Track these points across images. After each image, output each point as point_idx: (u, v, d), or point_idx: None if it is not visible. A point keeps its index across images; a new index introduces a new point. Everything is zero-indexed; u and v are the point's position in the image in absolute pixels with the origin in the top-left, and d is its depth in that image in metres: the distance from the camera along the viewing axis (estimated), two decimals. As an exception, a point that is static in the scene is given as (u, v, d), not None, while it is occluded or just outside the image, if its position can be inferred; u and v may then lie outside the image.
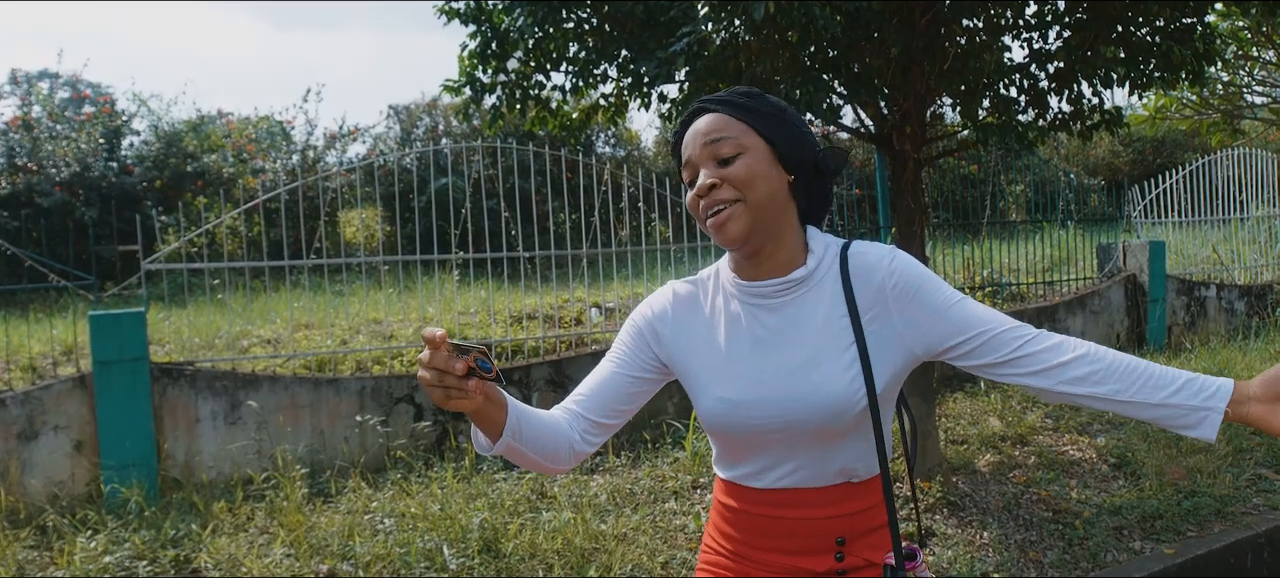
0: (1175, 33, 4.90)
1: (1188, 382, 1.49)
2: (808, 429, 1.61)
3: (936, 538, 4.57)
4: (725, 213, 1.59)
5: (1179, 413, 1.50)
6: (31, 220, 10.76)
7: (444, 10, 5.20)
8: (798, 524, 1.67)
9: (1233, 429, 5.88)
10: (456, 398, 1.39)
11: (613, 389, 1.74)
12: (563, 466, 1.71)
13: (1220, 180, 10.86)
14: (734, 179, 1.58)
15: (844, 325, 1.61)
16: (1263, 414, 1.46)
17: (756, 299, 1.67)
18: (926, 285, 1.61)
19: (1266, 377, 1.48)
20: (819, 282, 1.65)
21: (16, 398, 4.96)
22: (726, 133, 1.60)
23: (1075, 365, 1.53)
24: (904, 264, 1.62)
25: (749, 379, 1.63)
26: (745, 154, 1.59)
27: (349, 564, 4.16)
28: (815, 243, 1.69)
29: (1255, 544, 4.62)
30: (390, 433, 5.66)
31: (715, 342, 1.69)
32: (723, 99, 1.64)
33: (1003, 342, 1.57)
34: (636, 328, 1.76)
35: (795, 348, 1.62)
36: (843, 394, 1.58)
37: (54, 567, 4.22)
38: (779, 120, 1.63)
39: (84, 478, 5.07)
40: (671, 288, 1.78)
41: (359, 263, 6.77)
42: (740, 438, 1.67)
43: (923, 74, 4.68)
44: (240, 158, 12.74)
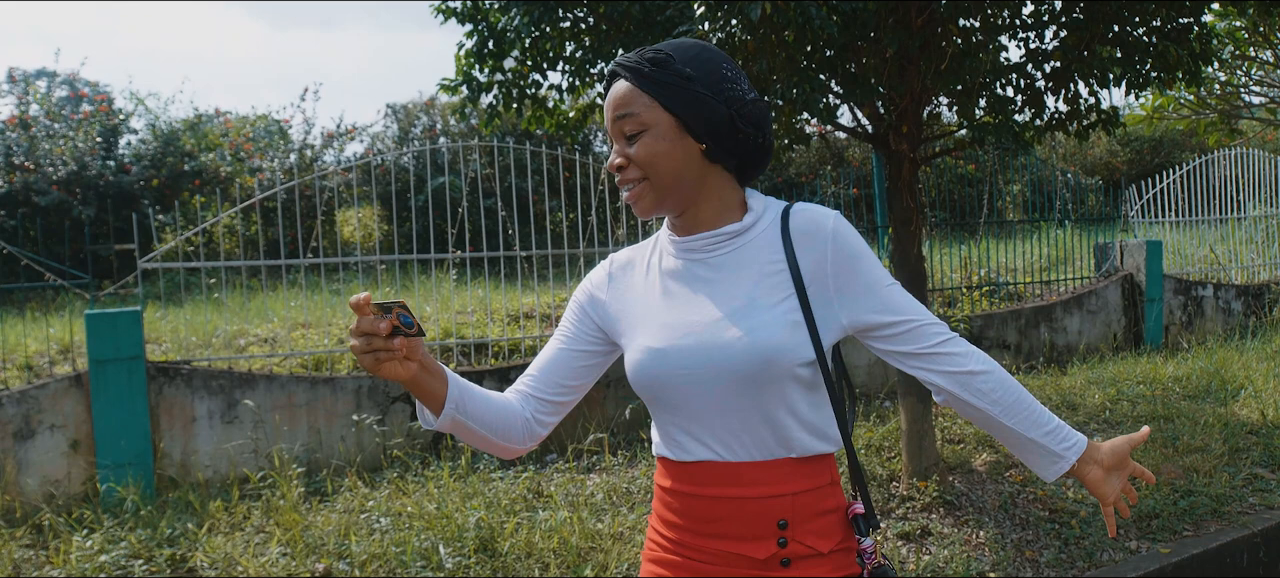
0: (1172, 33, 4.90)
1: (1056, 428, 1.62)
2: (734, 380, 1.54)
3: (933, 537, 4.58)
4: (634, 191, 1.59)
5: (1041, 452, 1.63)
6: (28, 219, 10.75)
7: (440, 9, 5.20)
8: (735, 505, 1.58)
9: (1228, 429, 5.89)
10: (386, 360, 1.41)
11: (560, 366, 1.73)
12: (519, 445, 1.70)
13: (1217, 180, 10.87)
14: (637, 159, 1.57)
15: (782, 279, 1.57)
16: (1097, 479, 1.63)
17: (690, 253, 1.64)
18: (865, 259, 1.59)
19: (1113, 446, 1.64)
20: (756, 237, 1.62)
21: (12, 397, 4.96)
22: (631, 108, 1.57)
23: (983, 379, 1.59)
24: (846, 232, 1.60)
25: (676, 328, 1.60)
26: (648, 132, 1.56)
27: (345, 563, 4.16)
28: (754, 200, 1.65)
29: (1251, 544, 4.63)
30: (386, 432, 5.66)
31: (649, 299, 1.67)
32: (631, 65, 1.59)
33: (925, 334, 1.59)
34: (578, 303, 1.76)
35: (727, 297, 1.58)
36: (776, 342, 1.53)
37: (50, 566, 4.22)
38: (684, 90, 1.56)
39: (80, 477, 5.06)
40: (611, 258, 1.78)
41: (356, 262, 6.76)
42: (667, 392, 1.61)
43: (919, 74, 4.68)
44: (237, 157, 12.73)
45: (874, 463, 5.27)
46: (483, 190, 7.23)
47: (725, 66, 1.60)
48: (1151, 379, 7.22)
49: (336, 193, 8.68)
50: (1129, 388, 6.97)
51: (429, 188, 6.92)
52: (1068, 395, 6.73)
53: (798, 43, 4.27)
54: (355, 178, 7.01)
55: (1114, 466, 1.64)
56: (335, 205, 10.78)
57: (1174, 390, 6.95)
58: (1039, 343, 8.24)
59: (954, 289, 8.73)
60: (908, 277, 5.07)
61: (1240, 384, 7.01)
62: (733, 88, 1.59)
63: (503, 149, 7.11)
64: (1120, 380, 7.19)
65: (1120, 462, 1.65)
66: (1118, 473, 1.65)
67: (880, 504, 4.88)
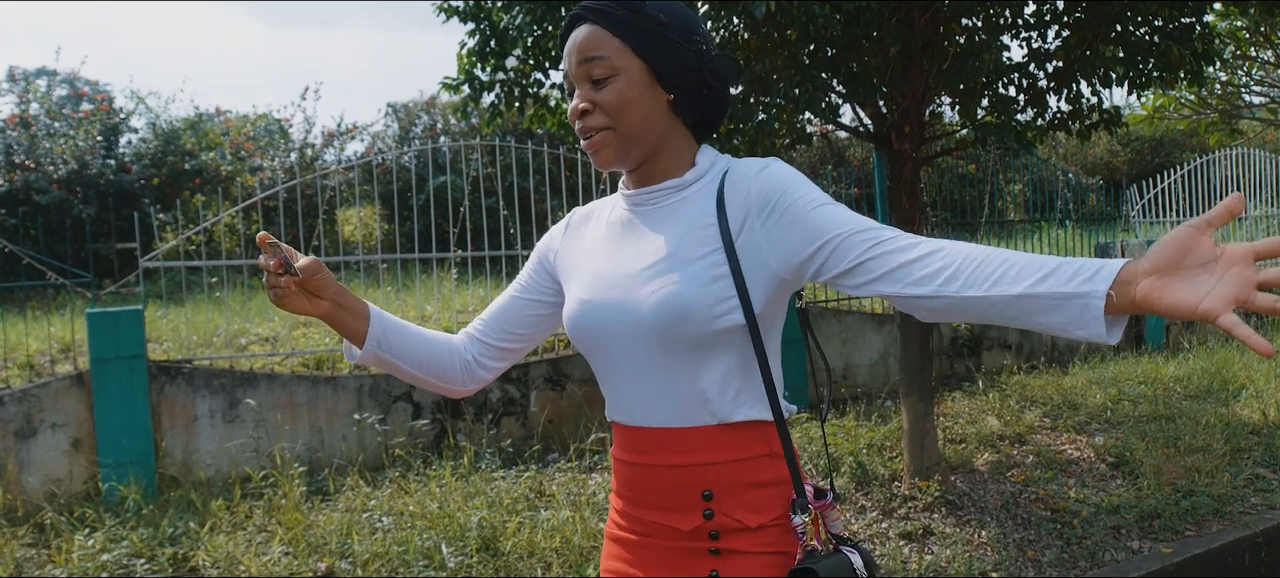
0: (1174, 32, 4.90)
1: (1059, 266, 1.20)
2: (649, 338, 1.47)
3: (935, 537, 4.58)
4: (597, 139, 1.51)
5: (1051, 305, 1.20)
6: (29, 218, 10.74)
7: (443, 8, 5.19)
8: (663, 473, 1.51)
9: (1230, 429, 5.88)
10: (283, 296, 1.48)
11: (509, 312, 1.72)
12: (457, 385, 1.71)
13: (1218, 180, 10.87)
14: (605, 105, 1.49)
15: (709, 233, 1.47)
16: (1149, 290, 1.13)
17: (634, 206, 1.59)
18: (791, 190, 1.44)
19: (1155, 247, 1.15)
20: (696, 192, 1.54)
21: (14, 395, 4.96)
22: (601, 52, 1.48)
23: (921, 264, 1.31)
24: (773, 172, 1.47)
25: (603, 280, 1.55)
26: (618, 77, 1.48)
27: (347, 562, 4.16)
28: (704, 157, 1.57)
29: (1253, 543, 4.63)
30: (388, 431, 5.66)
31: (593, 250, 1.62)
32: (602, 8, 1.50)
33: (852, 245, 1.37)
34: (537, 253, 1.73)
35: (651, 251, 1.51)
36: (688, 299, 1.43)
37: (52, 565, 4.22)
38: (658, 36, 1.49)
39: (82, 476, 5.06)
40: (572, 212, 1.74)
41: (357, 261, 6.76)
42: (595, 348, 1.57)
43: (922, 73, 4.68)
44: (238, 156, 12.73)
45: (876, 463, 5.27)
46: (484, 189, 7.23)
47: (696, 21, 1.55)
48: (1153, 379, 7.22)
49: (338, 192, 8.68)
50: (1130, 388, 6.97)
51: (430, 186, 6.93)
52: (1069, 395, 6.72)
53: (800, 41, 4.27)
54: (356, 177, 7.01)
55: (1166, 263, 1.13)
56: (336, 205, 10.78)
57: (1175, 390, 6.95)
58: (1040, 343, 8.24)
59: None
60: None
61: (1241, 384, 7.01)
62: (703, 41, 1.54)
63: (504, 148, 7.10)
64: (1121, 380, 7.19)
65: (1191, 251, 1.12)
66: (1201, 270, 1.11)
67: (882, 504, 4.88)
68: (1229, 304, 1.08)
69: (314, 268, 1.50)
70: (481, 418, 5.91)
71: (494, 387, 5.92)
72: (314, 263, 1.51)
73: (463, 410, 5.87)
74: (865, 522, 4.72)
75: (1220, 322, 1.07)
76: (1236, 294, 1.08)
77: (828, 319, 7.15)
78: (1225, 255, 1.10)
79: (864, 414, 6.26)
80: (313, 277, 1.50)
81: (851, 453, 5.31)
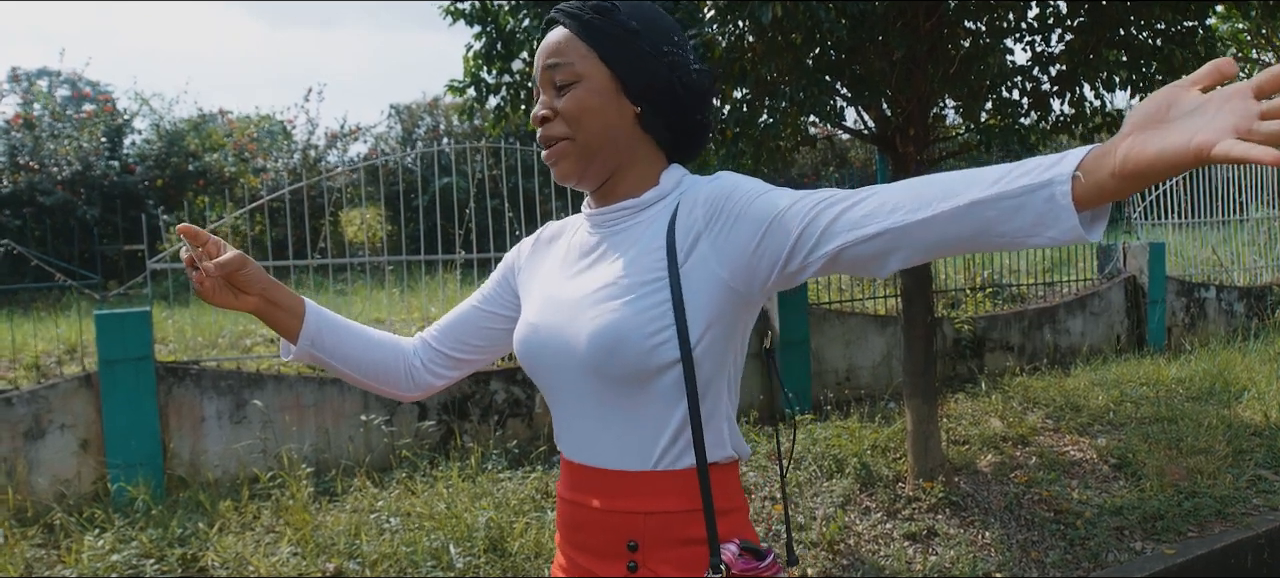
0: (1176, 36, 4.92)
1: (1014, 167, 1.07)
2: (584, 370, 1.37)
3: (939, 538, 4.60)
4: (556, 149, 1.42)
5: (1011, 206, 1.04)
6: (34, 219, 10.78)
7: (449, 11, 5.22)
8: (594, 515, 1.40)
9: (1232, 430, 5.90)
10: (206, 290, 1.45)
11: (467, 322, 1.64)
12: (401, 390, 1.64)
13: (1220, 182, 10.89)
14: (565, 113, 1.40)
15: (656, 259, 1.36)
16: (1129, 149, 0.98)
17: (594, 227, 1.48)
18: (736, 191, 1.33)
19: (1135, 107, 1.01)
20: (654, 215, 1.42)
21: (23, 397, 4.98)
22: (565, 57, 1.40)
23: (860, 206, 1.18)
24: (719, 182, 1.37)
25: (552, 303, 1.46)
26: (579, 84, 1.39)
27: (356, 563, 4.19)
28: (669, 177, 1.46)
29: (1255, 545, 4.65)
30: (394, 432, 5.69)
31: (552, 271, 1.53)
32: (573, 11, 1.42)
33: (792, 218, 1.24)
34: (504, 264, 1.65)
35: (598, 277, 1.40)
36: (621, 331, 1.31)
37: (62, 565, 4.24)
38: (628, 44, 1.39)
39: (90, 477, 5.09)
40: (546, 225, 1.64)
41: (362, 262, 6.79)
42: (538, 375, 1.48)
43: (926, 77, 4.71)
44: (241, 157, 12.76)
45: (880, 464, 5.29)
46: (489, 191, 7.26)
47: (674, 32, 1.44)
48: (1155, 381, 7.24)
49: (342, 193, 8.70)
50: (1132, 389, 6.99)
51: (436, 187, 6.96)
52: (1071, 397, 6.75)
53: (805, 45, 4.30)
54: (361, 178, 7.04)
55: (1146, 120, 0.99)
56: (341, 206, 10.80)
57: (1177, 392, 6.97)
58: (1042, 345, 8.26)
59: (958, 291, 8.75)
60: (912, 278, 5.10)
61: (1243, 386, 7.03)
62: (679, 53, 1.43)
63: (508, 150, 7.13)
64: (1123, 382, 7.21)
65: (1176, 104, 0.99)
66: (1190, 117, 0.97)
67: (886, 505, 4.90)
68: (1225, 132, 0.92)
69: (237, 262, 1.45)
70: (487, 419, 5.94)
71: (499, 388, 5.95)
72: (237, 257, 1.45)
73: (469, 412, 5.89)
74: (870, 523, 4.75)
75: (1217, 150, 0.91)
76: (1235, 123, 0.92)
77: (831, 321, 7.18)
78: (1217, 95, 0.96)
79: (867, 416, 6.28)
80: (235, 271, 1.45)
81: (856, 454, 5.34)
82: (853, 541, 4.59)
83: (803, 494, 5.02)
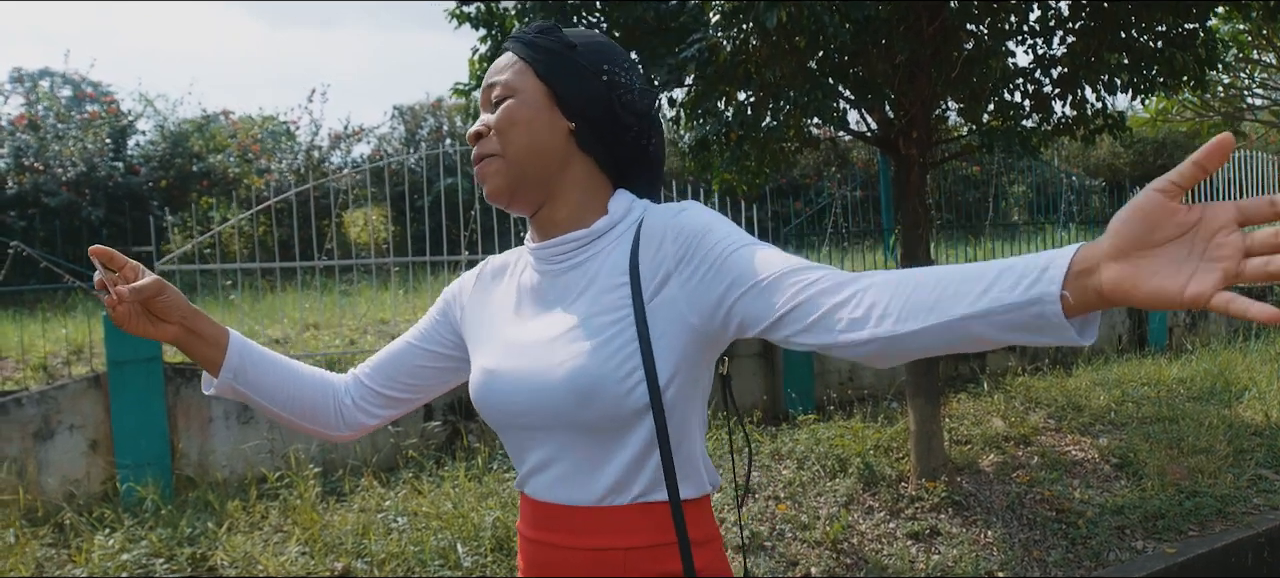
0: (1177, 38, 4.96)
1: (1001, 273, 1.01)
2: (557, 414, 1.31)
3: (941, 537, 4.64)
4: (485, 165, 1.37)
5: (1003, 321, 1.01)
6: (38, 220, 10.82)
7: (455, 14, 5.27)
8: (571, 555, 1.34)
9: (1233, 430, 5.94)
10: (120, 317, 1.37)
11: (401, 360, 1.55)
12: (331, 430, 1.55)
13: (1222, 183, 10.92)
14: (496, 127, 1.36)
15: (620, 296, 1.31)
16: (1119, 280, 0.93)
17: (542, 263, 1.41)
18: (709, 234, 1.27)
19: (1117, 222, 0.95)
20: (608, 246, 1.37)
21: (32, 397, 5.03)
22: (501, 75, 1.37)
23: (850, 306, 1.12)
24: (688, 217, 1.30)
25: (507, 349, 1.39)
26: (512, 98, 1.35)
27: (364, 562, 4.22)
28: (618, 204, 1.40)
29: (1256, 544, 4.69)
30: (401, 433, 5.72)
31: (501, 312, 1.46)
32: (516, 34, 1.41)
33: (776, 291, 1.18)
34: (442, 300, 1.57)
35: (559, 319, 1.35)
36: (597, 375, 1.27)
37: (72, 564, 4.28)
38: (563, 57, 1.36)
39: (99, 477, 5.13)
40: (486, 261, 1.57)
41: (369, 264, 6.83)
42: (501, 419, 1.41)
43: (929, 80, 4.75)
44: (245, 158, 12.80)
45: (883, 464, 5.33)
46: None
47: (621, 58, 1.40)
48: (1156, 381, 7.28)
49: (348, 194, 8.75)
50: (1134, 389, 7.03)
51: (442, 186, 7.01)
52: (1073, 397, 6.78)
53: (809, 49, 4.34)
54: (367, 179, 7.08)
55: (1130, 245, 0.94)
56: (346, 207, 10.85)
57: (1178, 392, 7.01)
58: (1045, 344, 8.29)
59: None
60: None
61: (1244, 386, 7.07)
62: (621, 72, 1.38)
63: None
64: (1125, 382, 7.25)
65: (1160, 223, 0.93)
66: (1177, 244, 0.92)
67: (889, 504, 4.94)
68: (1219, 284, 0.88)
69: (154, 288, 1.37)
70: (492, 419, 5.97)
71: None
72: (155, 283, 1.37)
73: (474, 411, 5.93)
74: (873, 522, 4.78)
75: (1214, 304, 0.88)
76: (1225, 269, 0.88)
77: (834, 321, 7.21)
78: (1204, 221, 0.91)
79: (870, 416, 6.32)
80: (152, 296, 1.37)
81: (859, 454, 5.37)
82: (856, 540, 4.62)
83: (806, 494, 5.05)
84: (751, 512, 4.84)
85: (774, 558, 4.40)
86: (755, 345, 6.83)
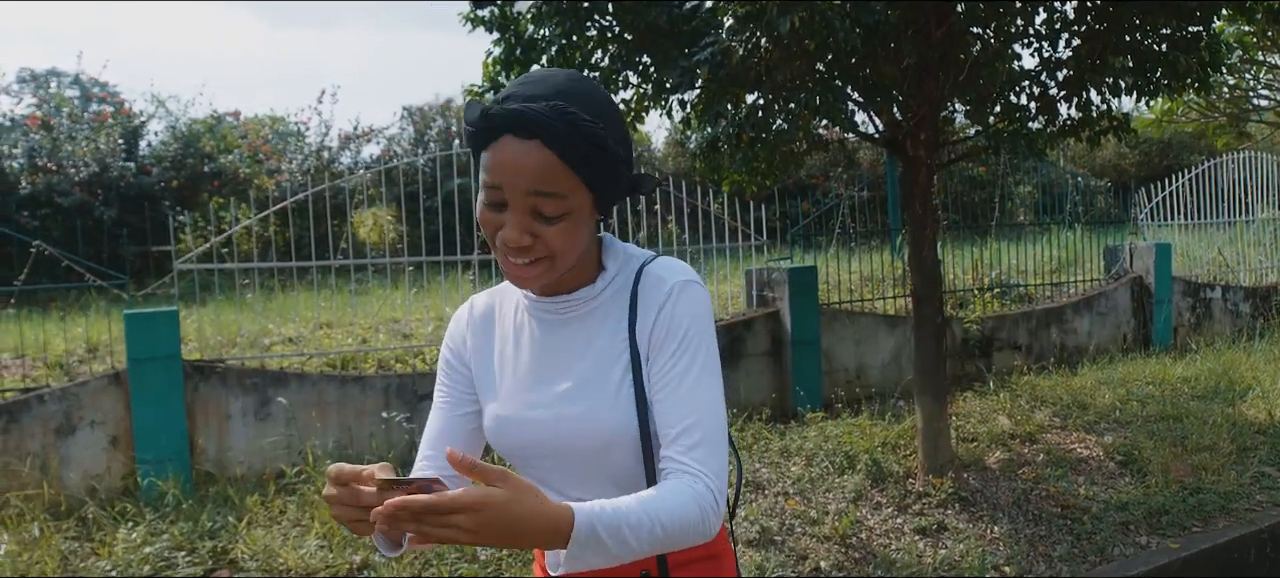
0: (1181, 41, 5.02)
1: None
2: (580, 459, 1.47)
3: (948, 532, 4.71)
4: (532, 271, 1.40)
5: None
6: (51, 220, 10.93)
7: (470, 18, 5.34)
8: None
9: (1237, 428, 6.01)
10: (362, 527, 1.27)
11: (453, 435, 1.59)
12: None
13: (1226, 183, 10.97)
14: (552, 243, 1.37)
15: (622, 349, 1.46)
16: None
17: (545, 314, 1.53)
18: (668, 347, 1.44)
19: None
20: (608, 300, 1.50)
21: (55, 394, 5.12)
22: (556, 188, 1.34)
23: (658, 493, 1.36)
24: (676, 309, 1.45)
25: (523, 398, 1.51)
26: (569, 217, 1.37)
27: (382, 556, 4.30)
28: (612, 259, 1.52)
29: (1258, 540, 4.75)
30: (415, 428, 5.80)
31: (505, 356, 1.56)
32: (545, 124, 1.31)
33: (663, 436, 1.42)
34: (448, 363, 1.62)
35: (570, 369, 1.48)
36: (611, 423, 1.43)
37: (96, 558, 4.37)
38: (604, 159, 1.36)
39: (120, 472, 5.22)
40: (470, 304, 1.64)
41: (383, 263, 6.91)
42: (518, 464, 1.53)
43: (937, 83, 4.82)
44: (256, 159, 12.90)
45: (891, 461, 5.40)
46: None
47: (618, 113, 1.44)
48: (1160, 380, 7.34)
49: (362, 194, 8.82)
50: (1138, 388, 7.09)
51: (455, 186, 7.09)
52: (1078, 396, 6.85)
53: (819, 52, 4.41)
54: (382, 180, 7.17)
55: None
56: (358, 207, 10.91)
57: (1183, 391, 7.06)
58: (1049, 344, 8.36)
59: (965, 291, 8.85)
60: (923, 279, 5.21)
61: (1248, 385, 7.12)
62: (626, 133, 1.44)
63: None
64: (1130, 381, 7.31)
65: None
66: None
67: (897, 500, 5.02)
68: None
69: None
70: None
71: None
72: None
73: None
74: (881, 517, 4.86)
75: None
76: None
77: (841, 320, 7.29)
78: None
79: (878, 413, 6.39)
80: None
81: (867, 451, 5.45)
82: (864, 535, 4.70)
83: (815, 490, 5.13)
84: (761, 508, 4.91)
85: (784, 552, 4.48)
86: (764, 344, 6.91)
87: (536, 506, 1.20)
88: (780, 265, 7.29)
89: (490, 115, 1.33)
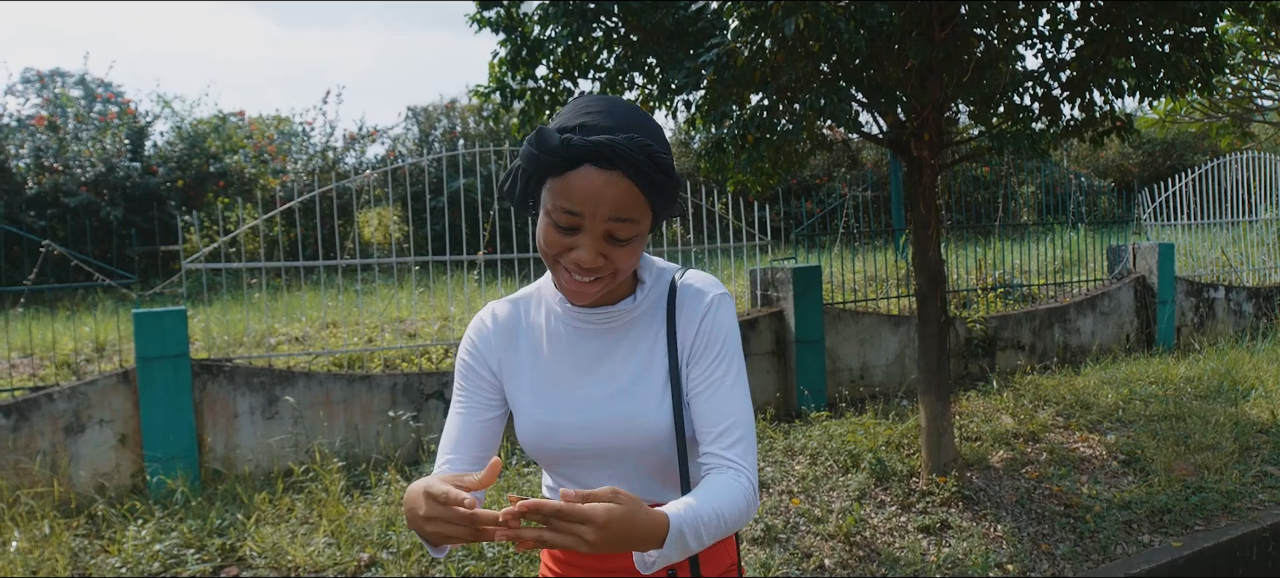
0: (1184, 42, 5.04)
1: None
2: (626, 460, 1.58)
3: (952, 531, 4.74)
4: (595, 288, 1.50)
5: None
6: (57, 219, 10.97)
7: (476, 19, 5.37)
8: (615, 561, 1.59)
9: (1239, 428, 6.03)
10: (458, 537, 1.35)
11: (475, 438, 1.65)
12: None
13: (1229, 183, 10.98)
14: (620, 263, 1.49)
15: (662, 360, 1.58)
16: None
17: (582, 323, 1.61)
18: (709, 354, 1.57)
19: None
20: (645, 312, 1.61)
21: (64, 393, 5.16)
22: (632, 215, 1.45)
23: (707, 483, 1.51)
24: (716, 320, 1.59)
25: (567, 404, 1.59)
26: (638, 238, 1.49)
27: (389, 553, 4.34)
28: (647, 272, 1.63)
29: (1260, 538, 4.78)
30: (422, 427, 5.84)
31: (538, 363, 1.64)
32: (629, 155, 1.40)
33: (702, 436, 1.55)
34: (469, 367, 1.67)
35: (615, 375, 1.58)
36: (655, 426, 1.55)
37: (106, 555, 4.41)
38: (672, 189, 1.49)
39: (128, 470, 5.26)
40: (491, 312, 1.70)
41: (389, 263, 6.95)
42: (553, 463, 1.64)
43: (940, 84, 4.84)
44: (261, 159, 12.94)
45: (895, 459, 5.43)
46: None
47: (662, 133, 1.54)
48: (1164, 379, 7.36)
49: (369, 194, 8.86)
50: (1141, 388, 7.11)
51: (460, 185, 7.12)
52: (1081, 395, 6.87)
53: (823, 54, 4.44)
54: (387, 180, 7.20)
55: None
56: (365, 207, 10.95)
57: (1186, 390, 7.08)
58: (1053, 344, 8.38)
59: (969, 291, 8.88)
60: (927, 279, 5.24)
61: (1251, 385, 7.14)
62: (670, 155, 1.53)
63: (528, 153, 7.28)
64: (1133, 381, 7.33)
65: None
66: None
67: (901, 499, 5.04)
68: None
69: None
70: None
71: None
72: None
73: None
74: (885, 516, 4.89)
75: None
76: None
77: (846, 320, 7.32)
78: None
79: (882, 412, 6.42)
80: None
81: (871, 449, 5.47)
82: (868, 533, 4.73)
83: (819, 488, 5.16)
84: (766, 506, 4.94)
85: (788, 550, 4.51)
86: (769, 344, 6.94)
87: (647, 516, 1.31)
88: (784, 265, 7.32)
89: (573, 145, 1.40)
